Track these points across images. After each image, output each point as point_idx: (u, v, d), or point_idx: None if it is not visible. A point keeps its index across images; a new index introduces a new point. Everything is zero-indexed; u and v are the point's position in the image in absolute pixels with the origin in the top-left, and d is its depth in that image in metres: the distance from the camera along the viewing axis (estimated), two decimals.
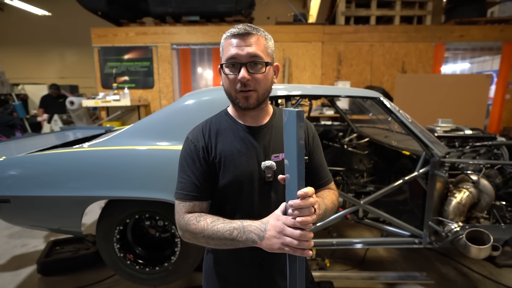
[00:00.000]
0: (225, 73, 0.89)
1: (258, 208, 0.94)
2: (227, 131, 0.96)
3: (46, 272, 2.40)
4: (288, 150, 0.75)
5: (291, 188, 0.75)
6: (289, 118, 0.72)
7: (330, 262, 2.46)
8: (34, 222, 2.00)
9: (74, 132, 3.25)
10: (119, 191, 1.78)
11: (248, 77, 0.86)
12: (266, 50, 0.89)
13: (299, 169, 0.72)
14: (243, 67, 0.86)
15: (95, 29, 5.21)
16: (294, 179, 0.73)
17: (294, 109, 0.70)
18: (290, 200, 0.74)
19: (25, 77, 9.03)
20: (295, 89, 1.98)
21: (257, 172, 0.93)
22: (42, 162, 1.87)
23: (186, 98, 1.96)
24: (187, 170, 0.93)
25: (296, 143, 0.70)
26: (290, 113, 0.71)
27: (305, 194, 0.72)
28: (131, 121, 5.18)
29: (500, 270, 2.46)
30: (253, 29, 0.88)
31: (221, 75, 0.95)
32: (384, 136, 2.87)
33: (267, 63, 0.89)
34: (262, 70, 0.88)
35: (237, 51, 0.86)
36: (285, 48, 5.21)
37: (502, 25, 5.19)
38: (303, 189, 0.73)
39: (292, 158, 0.73)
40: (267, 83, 0.91)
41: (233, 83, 0.89)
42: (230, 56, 0.87)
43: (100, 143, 1.99)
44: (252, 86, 0.88)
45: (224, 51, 0.89)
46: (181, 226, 0.90)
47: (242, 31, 0.86)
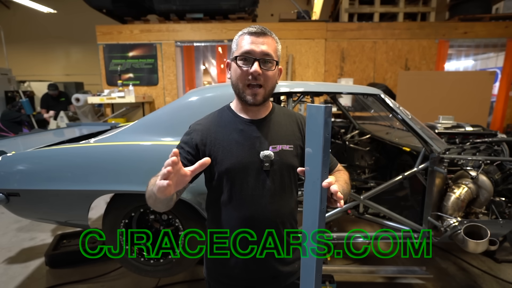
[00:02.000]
0: (238, 65, 0.95)
1: (254, 195, 0.99)
2: (227, 124, 1.03)
3: (54, 265, 2.47)
4: (313, 143, 0.78)
5: (313, 179, 0.78)
6: (316, 113, 0.76)
7: (331, 256, 2.50)
8: (42, 215, 2.06)
9: (80, 128, 3.31)
10: (125, 185, 1.83)
11: (260, 71, 0.93)
12: (276, 52, 0.98)
13: (324, 161, 0.76)
14: (256, 62, 0.93)
15: (100, 26, 5.26)
16: (317, 171, 0.77)
17: (321, 105, 0.75)
18: (324, 181, 0.77)
19: (31, 74, 9.14)
20: (297, 86, 2.01)
21: (254, 161, 0.98)
22: (50, 157, 1.92)
23: (190, 95, 2.00)
24: (179, 149, 1.01)
25: (322, 136, 0.75)
26: (318, 109, 0.76)
27: (329, 184, 0.77)
28: (135, 117, 5.25)
29: (499, 265, 2.48)
30: (268, 31, 0.97)
31: (229, 69, 1.02)
32: (386, 132, 2.89)
33: (276, 62, 0.97)
34: (272, 68, 0.96)
35: (253, 47, 0.93)
36: (288, 45, 5.23)
37: (507, 22, 5.15)
38: (327, 179, 0.78)
39: (317, 150, 0.77)
40: (273, 81, 0.99)
41: (244, 76, 0.95)
42: (245, 51, 0.94)
43: (106, 138, 2.04)
44: (261, 81, 0.95)
45: (239, 46, 0.97)
46: (146, 191, 0.91)
47: (259, 30, 0.95)
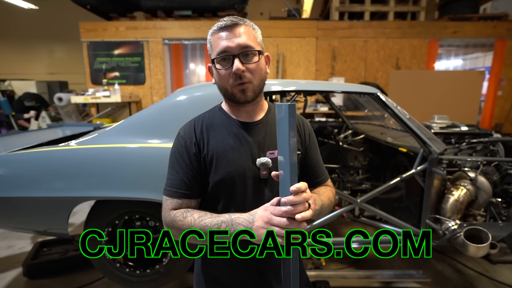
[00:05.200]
0: (217, 68, 0.84)
1: (252, 206, 0.89)
2: (220, 127, 0.92)
3: (32, 275, 2.31)
4: (281, 145, 0.72)
5: (284, 184, 0.73)
6: (282, 112, 0.70)
7: (326, 261, 2.43)
8: (18, 224, 1.91)
9: (62, 129, 3.14)
10: (108, 191, 1.71)
11: (242, 68, 0.82)
12: (256, 39, 0.86)
13: (292, 164, 0.71)
14: (236, 59, 0.82)
15: (84, 23, 5.06)
16: (287, 175, 0.72)
17: (285, 103, 0.69)
18: (283, 197, 0.72)
19: (12, 73, 8.79)
20: (291, 85, 1.92)
21: (251, 169, 0.89)
22: (26, 161, 1.78)
23: (177, 94, 1.88)
24: (177, 166, 0.89)
25: (288, 137, 0.69)
26: (282, 108, 0.69)
27: (298, 189, 0.70)
28: (121, 118, 5.08)
29: (494, 266, 2.46)
30: (240, 19, 0.84)
31: (211, 73, 0.91)
32: (380, 132, 2.84)
33: (259, 52, 0.85)
34: (255, 60, 0.85)
35: (228, 44, 0.82)
36: (279, 43, 5.15)
37: (495, 22, 5.20)
38: (296, 184, 0.71)
39: (284, 153, 0.71)
40: (261, 72, 0.88)
41: (227, 78, 0.84)
42: (221, 50, 0.83)
43: (87, 140, 1.91)
44: (247, 78, 0.84)
45: (213, 46, 0.85)
46: (167, 223, 0.87)
47: (229, 23, 0.83)
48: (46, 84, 8.38)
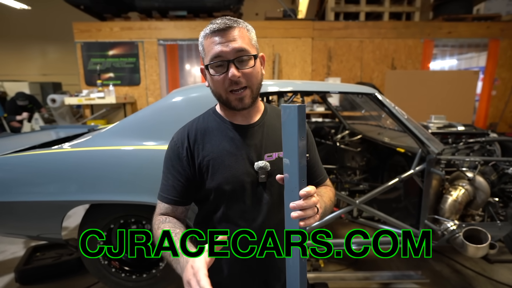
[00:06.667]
0: (211, 74, 0.81)
1: (252, 211, 0.88)
2: (215, 131, 0.89)
3: (25, 281, 2.25)
4: (288, 148, 0.69)
5: (291, 187, 0.70)
6: (290, 114, 0.67)
7: (324, 262, 2.41)
8: (10, 229, 1.86)
9: (55, 131, 3.08)
10: (103, 195, 1.67)
11: (238, 74, 0.79)
12: (250, 42, 0.83)
13: (301, 168, 0.68)
14: (231, 65, 0.79)
15: (77, 23, 5.00)
16: (295, 179, 0.69)
17: (295, 105, 0.65)
18: (291, 202, 0.69)
19: (4, 74, 8.67)
20: (287, 85, 1.90)
21: (249, 174, 0.86)
22: (18, 164, 1.73)
23: (173, 95, 1.85)
24: (168, 172, 0.89)
25: (297, 140, 0.66)
26: (291, 109, 0.66)
27: (307, 193, 0.68)
28: (116, 119, 5.02)
29: (492, 266, 2.45)
30: (233, 21, 0.80)
31: (205, 76, 0.87)
32: (377, 133, 2.83)
33: (255, 56, 0.82)
34: (250, 64, 0.81)
35: (222, 48, 0.78)
36: (274, 44, 5.13)
37: (489, 22, 5.25)
38: (305, 188, 0.68)
39: (292, 156, 0.68)
40: (258, 77, 0.85)
41: (222, 84, 0.81)
42: (215, 55, 0.79)
43: (81, 143, 1.87)
44: (244, 83, 0.81)
45: (206, 50, 0.81)
46: (152, 226, 0.88)
47: (222, 25, 0.79)
48: (39, 85, 8.28)
